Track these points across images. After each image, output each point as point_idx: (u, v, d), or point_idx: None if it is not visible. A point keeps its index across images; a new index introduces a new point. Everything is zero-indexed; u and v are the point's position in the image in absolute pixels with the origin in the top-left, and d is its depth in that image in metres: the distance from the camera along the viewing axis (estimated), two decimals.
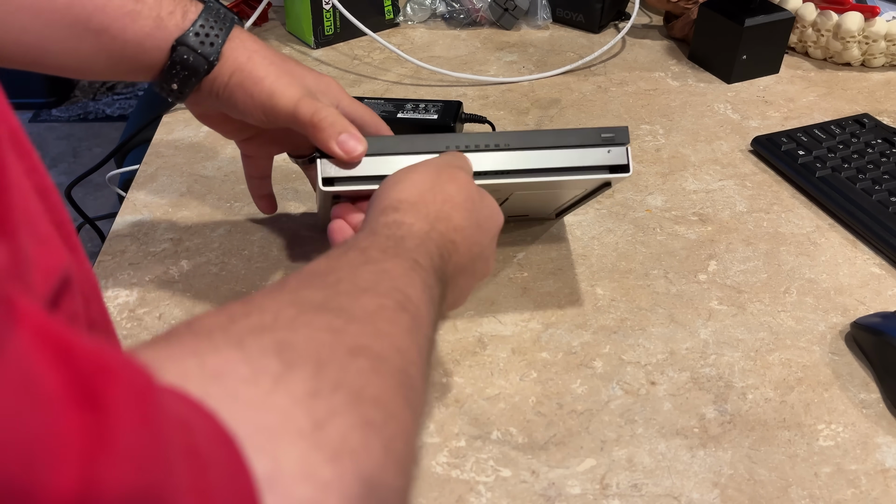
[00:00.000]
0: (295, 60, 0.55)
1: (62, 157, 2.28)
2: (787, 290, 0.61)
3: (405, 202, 0.43)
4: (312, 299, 0.33)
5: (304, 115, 0.50)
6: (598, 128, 0.54)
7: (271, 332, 0.29)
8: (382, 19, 0.99)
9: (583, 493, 0.47)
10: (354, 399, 0.29)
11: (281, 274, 0.62)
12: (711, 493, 0.47)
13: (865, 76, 0.91)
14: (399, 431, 0.30)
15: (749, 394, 0.53)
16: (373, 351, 0.31)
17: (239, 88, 0.51)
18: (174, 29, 0.50)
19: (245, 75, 0.51)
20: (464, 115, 0.78)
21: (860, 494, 0.47)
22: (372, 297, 0.34)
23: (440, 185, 0.45)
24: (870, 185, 0.69)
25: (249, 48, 0.52)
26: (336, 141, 0.50)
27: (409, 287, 0.36)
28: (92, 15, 0.48)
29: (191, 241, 0.65)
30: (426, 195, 0.44)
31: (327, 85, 0.55)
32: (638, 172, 0.74)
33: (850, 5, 0.89)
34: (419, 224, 0.41)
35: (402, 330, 0.34)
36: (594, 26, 0.99)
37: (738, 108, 0.85)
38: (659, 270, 0.63)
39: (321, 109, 0.50)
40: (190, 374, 0.26)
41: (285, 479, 0.25)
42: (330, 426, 0.27)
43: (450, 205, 0.44)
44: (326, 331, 0.31)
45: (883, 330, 0.54)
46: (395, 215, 0.42)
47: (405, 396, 0.31)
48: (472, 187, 0.46)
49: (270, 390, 0.27)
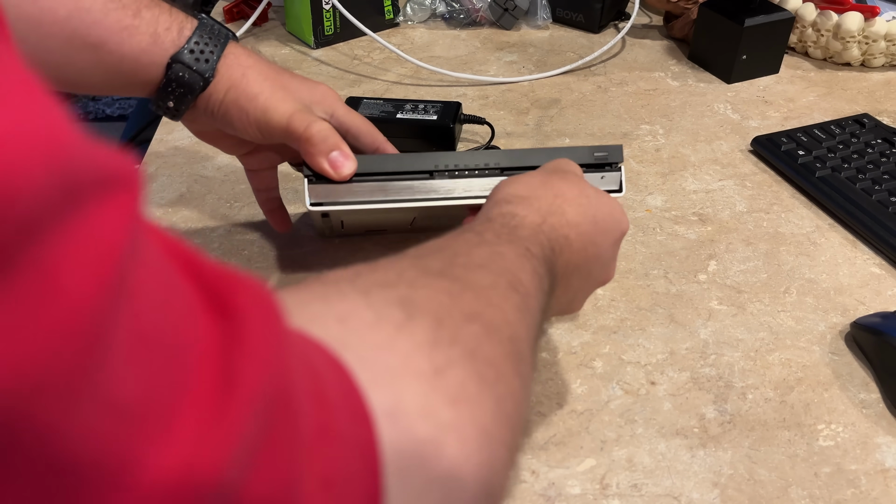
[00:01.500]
0: (290, 72, 0.55)
1: None
2: (787, 290, 0.61)
3: (517, 196, 0.43)
4: (432, 266, 0.34)
5: (296, 130, 0.51)
6: (592, 146, 0.53)
7: (395, 287, 0.31)
8: (382, 19, 0.99)
9: (583, 493, 0.47)
10: (470, 355, 0.30)
11: (281, 274, 0.62)
12: (711, 493, 0.47)
13: (865, 76, 0.91)
14: (509, 392, 0.31)
15: (749, 394, 0.53)
16: (485, 318, 0.32)
17: (234, 105, 0.52)
18: (170, 46, 0.50)
19: (240, 92, 0.52)
20: (463, 116, 0.78)
21: (860, 494, 0.47)
22: (486, 274, 0.35)
23: (552, 182, 0.45)
24: (870, 185, 0.69)
25: (244, 64, 0.52)
26: (327, 158, 0.50)
27: (521, 271, 0.37)
28: (91, 28, 0.48)
29: (191, 241, 0.65)
30: (538, 190, 0.44)
31: (322, 95, 0.55)
32: (638, 172, 0.74)
33: (850, 5, 0.89)
34: (532, 216, 0.41)
35: (512, 306, 0.34)
36: (594, 26, 0.99)
37: (738, 108, 0.85)
38: (659, 270, 0.63)
39: (313, 124, 0.51)
40: (317, 316, 0.28)
41: (407, 415, 0.26)
42: (449, 373, 0.28)
43: (562, 199, 0.43)
44: (445, 293, 0.32)
45: (883, 330, 0.54)
46: (509, 207, 0.42)
47: (514, 364, 0.32)
48: (584, 185, 0.46)
49: (393, 335, 0.28)
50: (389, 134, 0.76)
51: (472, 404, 0.28)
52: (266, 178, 0.60)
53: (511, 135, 0.79)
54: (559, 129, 0.80)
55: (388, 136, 0.76)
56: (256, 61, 0.53)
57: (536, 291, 0.37)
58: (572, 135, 0.79)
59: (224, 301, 0.21)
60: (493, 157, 0.53)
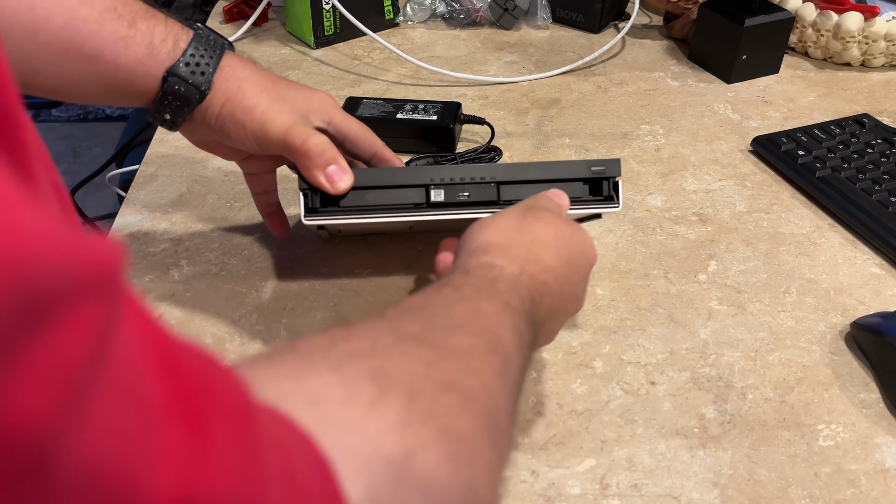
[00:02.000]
0: (287, 80, 0.55)
1: (62, 157, 2.27)
2: (787, 290, 0.61)
3: (494, 245, 0.42)
4: (409, 330, 0.33)
5: (293, 143, 0.50)
6: (589, 161, 0.53)
7: (368, 357, 0.30)
8: (382, 19, 0.99)
9: (583, 493, 0.47)
10: (443, 433, 0.29)
11: (280, 274, 0.62)
12: (711, 493, 0.47)
13: (865, 76, 0.91)
14: (483, 471, 0.30)
15: (749, 394, 0.53)
16: (463, 388, 0.31)
17: (230, 118, 0.51)
18: (165, 58, 0.50)
19: (236, 105, 0.51)
20: (463, 117, 0.77)
21: (860, 494, 0.47)
22: (465, 335, 0.34)
23: (527, 226, 0.44)
24: (870, 185, 0.69)
25: (240, 76, 0.52)
26: (324, 172, 0.50)
27: (501, 329, 0.36)
28: (87, 39, 0.47)
29: (191, 241, 0.65)
30: (513, 237, 0.43)
31: (319, 103, 0.55)
32: (638, 172, 0.74)
33: (850, 5, 0.89)
34: (510, 267, 0.40)
35: (491, 371, 0.34)
36: (594, 26, 0.99)
37: (738, 108, 0.85)
38: (659, 270, 0.63)
39: (310, 138, 0.50)
40: (289, 394, 0.27)
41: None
42: (421, 456, 0.28)
43: (538, 244, 0.43)
44: (420, 362, 0.31)
45: (883, 330, 0.54)
46: (486, 257, 0.41)
47: (491, 437, 0.31)
48: (560, 225, 0.45)
49: (365, 416, 0.27)
50: (389, 134, 0.76)
51: (443, 491, 0.28)
52: (264, 181, 0.60)
53: (511, 135, 0.79)
54: (559, 129, 0.80)
55: (388, 136, 0.76)
56: (252, 72, 0.53)
57: (517, 349, 0.37)
58: (572, 135, 0.79)
59: (195, 409, 0.21)
60: (491, 171, 0.52)
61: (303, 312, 0.58)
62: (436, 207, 0.52)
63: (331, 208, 0.52)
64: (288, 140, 0.50)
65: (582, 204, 0.53)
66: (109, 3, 0.48)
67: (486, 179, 0.52)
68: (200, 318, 0.58)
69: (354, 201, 0.52)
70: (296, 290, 0.60)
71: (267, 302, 0.59)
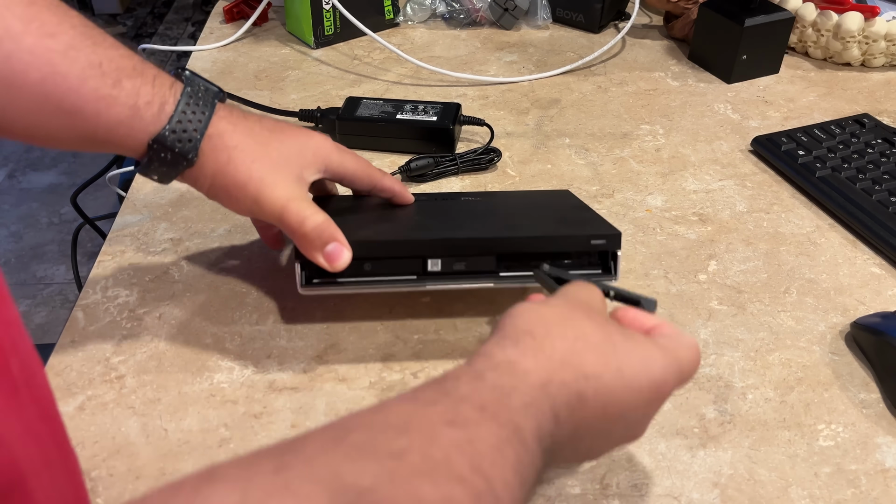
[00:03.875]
0: (278, 133, 0.52)
1: (62, 157, 2.27)
2: (787, 290, 0.61)
3: (528, 335, 0.36)
4: (357, 484, 0.27)
5: (291, 224, 0.49)
6: (589, 234, 0.51)
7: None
8: (382, 19, 0.99)
9: (583, 493, 0.47)
10: None
11: (280, 274, 0.62)
12: (711, 493, 0.47)
13: (865, 76, 0.91)
14: None
15: (749, 394, 0.53)
16: None
17: (223, 191, 0.50)
18: (150, 122, 0.47)
19: (227, 179, 0.49)
20: (462, 118, 0.78)
21: (860, 494, 0.47)
22: (438, 485, 0.28)
23: (574, 320, 0.38)
24: (870, 185, 0.69)
25: (229, 144, 0.49)
26: (322, 252, 0.48)
27: (495, 468, 0.30)
28: (66, 95, 0.45)
29: (191, 241, 0.65)
30: (554, 328, 0.37)
31: (314, 153, 0.52)
32: (638, 172, 0.74)
33: (850, 5, 0.89)
34: (536, 373, 0.34)
35: None
36: (594, 26, 0.99)
37: (738, 108, 0.85)
38: (659, 270, 0.63)
39: (308, 220, 0.48)
40: None
41: None
42: None
43: (582, 343, 0.36)
44: None
45: (883, 330, 0.54)
46: (513, 352, 0.35)
47: None
48: (612, 328, 0.38)
49: None
50: (389, 134, 0.76)
51: None
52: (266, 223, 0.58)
53: (511, 135, 0.79)
54: (559, 129, 0.80)
55: (388, 136, 0.76)
56: (243, 137, 0.50)
57: (515, 489, 0.30)
58: (572, 135, 0.79)
59: None
60: (489, 244, 0.51)
61: (303, 312, 0.58)
62: (433, 277, 0.51)
63: (327, 279, 0.51)
64: (285, 220, 0.49)
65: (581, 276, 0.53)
66: (94, 58, 0.46)
67: (484, 252, 0.51)
68: (200, 318, 0.58)
69: (351, 271, 0.50)
70: (296, 289, 0.60)
71: (267, 302, 0.59)
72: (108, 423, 0.50)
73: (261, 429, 0.50)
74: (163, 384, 0.53)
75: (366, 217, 0.56)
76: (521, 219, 0.55)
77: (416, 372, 0.54)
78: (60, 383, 0.52)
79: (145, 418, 0.50)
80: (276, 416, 0.51)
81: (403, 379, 0.53)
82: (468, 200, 0.61)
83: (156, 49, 0.94)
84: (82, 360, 0.54)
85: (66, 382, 0.52)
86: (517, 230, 0.52)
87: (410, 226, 0.55)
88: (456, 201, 0.61)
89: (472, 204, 0.59)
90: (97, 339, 0.56)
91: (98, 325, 0.57)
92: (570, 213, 0.57)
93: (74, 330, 0.56)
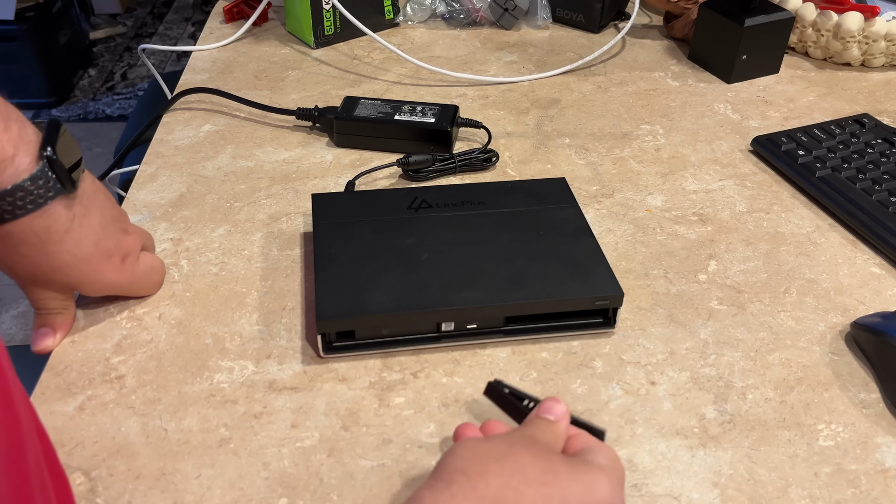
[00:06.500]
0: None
1: None
2: (787, 290, 0.61)
3: (462, 474, 0.35)
4: None
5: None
6: (593, 297, 0.54)
7: None
8: (382, 19, 0.99)
9: None
10: None
11: (280, 274, 0.62)
12: (711, 493, 0.47)
13: (865, 76, 0.91)
14: None
15: (749, 394, 0.53)
16: None
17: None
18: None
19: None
20: (460, 120, 0.78)
21: (860, 494, 0.47)
22: None
23: (512, 455, 0.36)
24: (870, 185, 0.69)
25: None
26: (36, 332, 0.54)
27: None
28: None
29: (191, 241, 0.65)
30: (492, 464, 0.35)
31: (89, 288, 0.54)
32: (638, 172, 0.74)
33: (850, 5, 0.89)
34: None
35: None
36: (594, 26, 0.99)
37: (738, 108, 0.85)
38: (659, 270, 0.63)
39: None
40: None
41: None
42: None
43: (520, 477, 0.35)
44: None
45: (883, 330, 0.54)
46: (444, 496, 0.34)
47: None
48: (555, 459, 0.37)
49: None
50: (387, 135, 0.76)
51: None
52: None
53: (511, 135, 0.79)
54: (559, 129, 0.80)
55: (386, 137, 0.76)
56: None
57: None
58: (572, 135, 0.79)
59: None
60: (497, 311, 0.54)
61: (303, 312, 0.58)
62: (446, 336, 0.55)
63: (346, 343, 0.54)
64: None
65: (577, 329, 0.56)
66: None
67: (494, 316, 0.54)
68: (200, 318, 0.58)
69: (370, 334, 0.54)
70: (296, 290, 0.60)
71: (267, 302, 0.59)
72: (107, 423, 0.50)
73: (261, 429, 0.50)
74: (163, 384, 0.53)
75: (375, 265, 0.56)
76: (529, 271, 0.56)
77: (416, 372, 0.54)
78: (60, 383, 0.52)
79: (145, 418, 0.50)
80: (276, 416, 0.51)
81: (403, 379, 0.53)
82: (474, 233, 0.59)
83: (156, 49, 0.94)
84: (82, 360, 0.54)
85: (65, 382, 0.52)
86: (524, 290, 0.55)
87: (422, 285, 0.55)
88: (463, 233, 0.59)
89: (479, 246, 0.58)
90: (97, 339, 0.56)
91: (98, 325, 0.57)
92: (578, 260, 0.57)
93: (74, 330, 0.56)
